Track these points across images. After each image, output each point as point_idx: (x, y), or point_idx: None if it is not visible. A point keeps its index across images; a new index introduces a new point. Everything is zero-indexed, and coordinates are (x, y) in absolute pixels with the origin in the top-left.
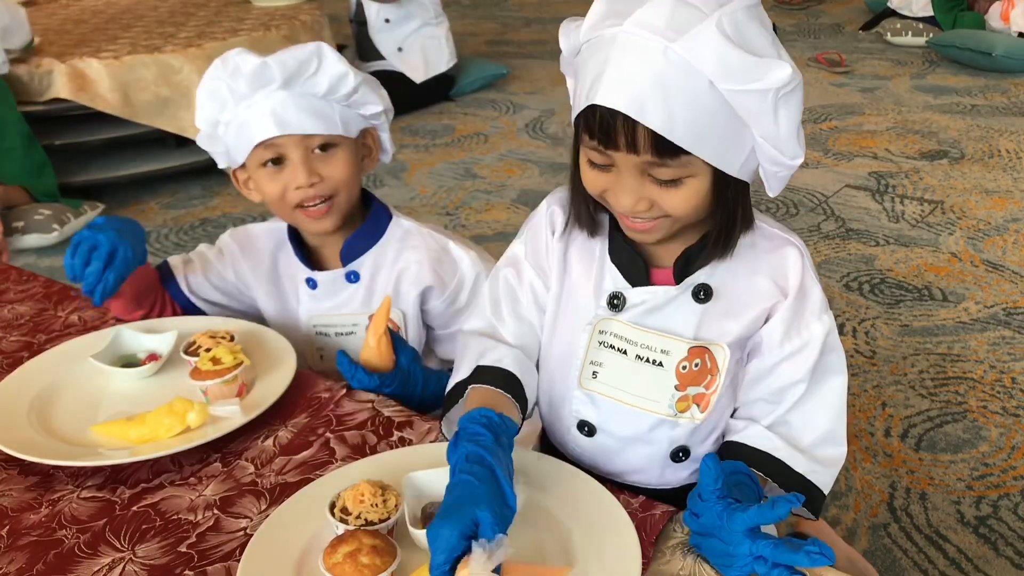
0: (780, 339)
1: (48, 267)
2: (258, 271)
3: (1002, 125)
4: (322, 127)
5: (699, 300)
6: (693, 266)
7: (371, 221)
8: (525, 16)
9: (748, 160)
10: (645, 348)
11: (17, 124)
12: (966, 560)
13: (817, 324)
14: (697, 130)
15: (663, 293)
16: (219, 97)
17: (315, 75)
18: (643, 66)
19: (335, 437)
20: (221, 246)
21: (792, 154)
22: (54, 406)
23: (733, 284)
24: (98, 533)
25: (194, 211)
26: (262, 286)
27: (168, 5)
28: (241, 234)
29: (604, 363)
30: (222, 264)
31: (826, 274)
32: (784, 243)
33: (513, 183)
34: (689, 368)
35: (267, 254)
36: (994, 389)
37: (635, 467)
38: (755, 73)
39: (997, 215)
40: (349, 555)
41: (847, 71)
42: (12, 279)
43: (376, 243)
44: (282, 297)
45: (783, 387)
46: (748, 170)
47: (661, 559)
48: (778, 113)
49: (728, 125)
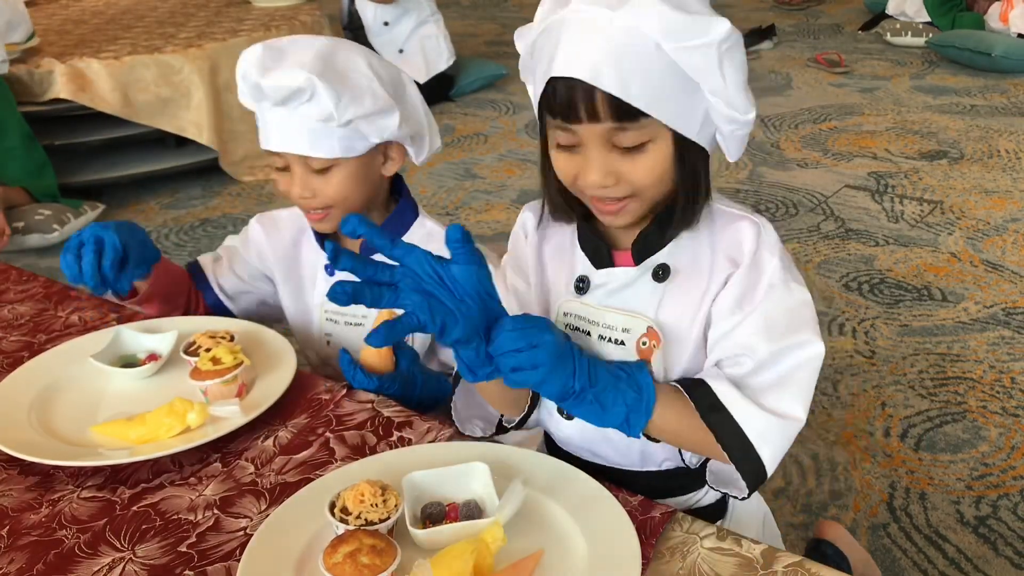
0: (731, 307)
1: (48, 267)
2: (278, 253)
3: (1001, 125)
4: (317, 150)
5: (658, 279)
6: (651, 247)
7: (395, 218)
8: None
9: (705, 124)
10: (607, 328)
11: (17, 124)
12: (966, 560)
13: (769, 291)
14: (651, 91)
15: (622, 274)
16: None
17: (308, 103)
18: (594, 37)
19: (335, 437)
20: (247, 231)
21: (743, 108)
22: (54, 406)
23: (692, 262)
24: (98, 533)
25: (194, 211)
26: (281, 268)
27: (168, 6)
28: (267, 218)
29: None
30: (247, 250)
31: (826, 274)
32: (740, 218)
33: (513, 183)
34: (649, 344)
35: (289, 237)
36: (993, 389)
37: (614, 448)
38: (696, 30)
39: (996, 215)
40: (349, 555)
41: (846, 71)
42: (12, 279)
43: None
44: (299, 280)
45: (737, 355)
46: (707, 135)
47: (661, 559)
48: (723, 67)
49: (680, 86)
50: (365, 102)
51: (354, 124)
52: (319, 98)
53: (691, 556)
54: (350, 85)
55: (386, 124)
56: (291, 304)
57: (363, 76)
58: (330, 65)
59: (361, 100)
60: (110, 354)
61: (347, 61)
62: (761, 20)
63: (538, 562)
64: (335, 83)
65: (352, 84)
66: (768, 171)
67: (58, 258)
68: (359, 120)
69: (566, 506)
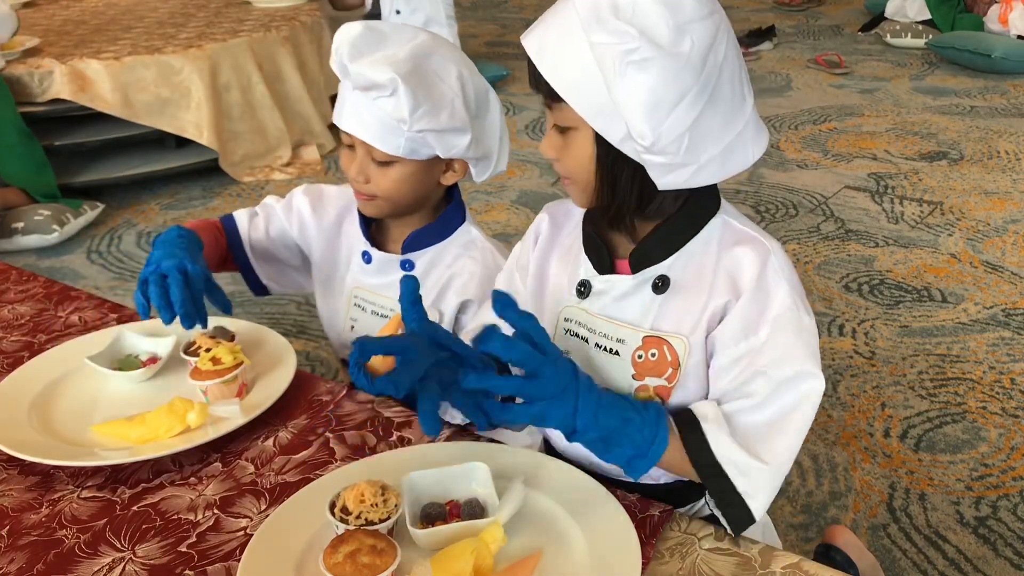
0: (735, 337)
1: (48, 267)
2: (321, 228)
3: (1001, 126)
4: (382, 145)
5: (657, 291)
6: (651, 258)
7: (442, 220)
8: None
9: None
10: (603, 336)
11: (15, 123)
12: (965, 560)
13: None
14: (571, 78)
15: (620, 283)
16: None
17: (388, 98)
18: (554, 15)
19: (335, 437)
20: (291, 199)
21: (638, 131)
22: (54, 406)
23: (693, 277)
24: (98, 533)
25: (194, 211)
26: (321, 244)
27: (168, 6)
28: (314, 191)
29: (569, 351)
30: (288, 217)
31: (826, 275)
32: (747, 240)
33: (513, 184)
34: (645, 357)
35: (334, 214)
36: (993, 390)
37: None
38: (612, 32)
39: (996, 216)
40: (349, 555)
41: (846, 72)
42: (12, 279)
43: (440, 241)
44: (335, 260)
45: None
46: (631, 148)
47: (661, 559)
48: (625, 79)
49: (599, 85)
50: (441, 117)
51: (424, 134)
52: (398, 100)
53: (690, 556)
54: (432, 95)
55: (455, 142)
56: (322, 282)
57: (449, 89)
58: (419, 68)
59: (438, 114)
60: (110, 355)
61: (439, 68)
62: (761, 21)
63: (538, 562)
64: (418, 89)
65: (435, 95)
66: (768, 172)
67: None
68: (429, 133)
69: (566, 506)
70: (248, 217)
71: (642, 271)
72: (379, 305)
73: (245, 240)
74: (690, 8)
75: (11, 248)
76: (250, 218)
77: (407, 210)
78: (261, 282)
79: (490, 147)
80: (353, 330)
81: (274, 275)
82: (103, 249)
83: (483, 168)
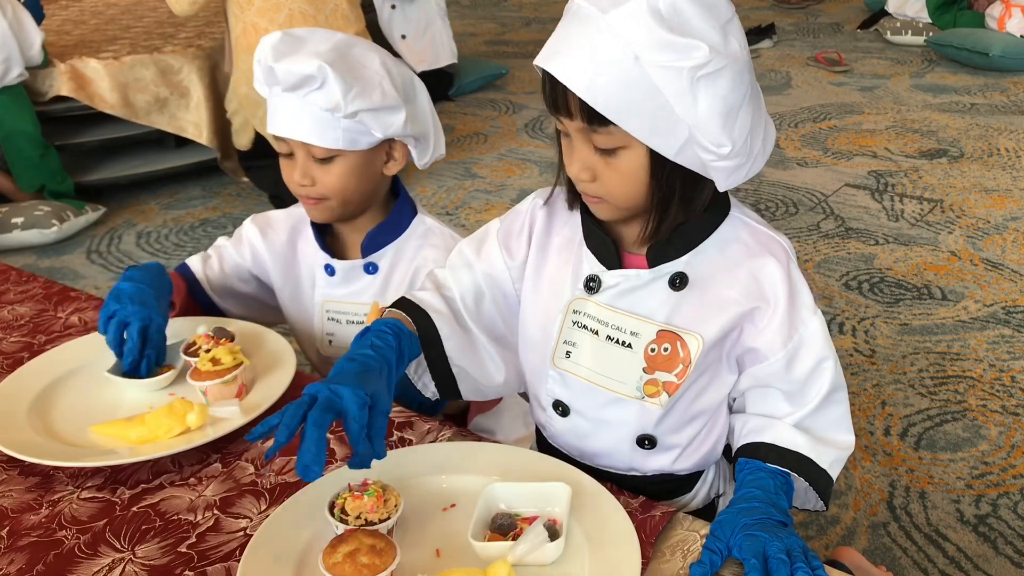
0: (783, 340)
1: (48, 267)
2: (275, 253)
3: (1001, 124)
4: (320, 140)
5: (675, 287)
6: (668, 253)
7: (394, 216)
8: (524, 16)
9: (687, 147)
10: (616, 329)
11: (33, 136)
12: (965, 559)
13: (813, 317)
14: (621, 101)
15: (635, 276)
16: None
17: (318, 90)
18: (579, 34)
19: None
20: (241, 232)
21: (716, 142)
22: (54, 407)
23: (712, 277)
24: (98, 534)
25: (194, 211)
26: (279, 268)
27: (168, 6)
28: (261, 219)
29: (577, 343)
30: (240, 249)
31: (825, 273)
32: (768, 242)
33: (513, 183)
34: (658, 351)
35: (285, 236)
36: (993, 388)
37: (603, 450)
38: (673, 50)
39: (996, 214)
40: (349, 555)
41: (846, 70)
42: (12, 280)
43: (397, 237)
44: (297, 280)
45: (800, 386)
46: (689, 158)
47: (661, 558)
48: (697, 94)
49: (656, 103)
50: (373, 96)
51: (360, 117)
52: (328, 87)
53: (692, 555)
54: (361, 78)
55: (392, 121)
56: (290, 304)
57: (375, 72)
58: (343, 57)
59: (370, 94)
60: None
61: (361, 56)
62: (761, 19)
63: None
64: (346, 74)
65: (363, 78)
66: (768, 170)
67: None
68: (365, 113)
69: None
70: (201, 261)
71: (659, 266)
72: (352, 313)
73: (203, 281)
74: (723, 7)
75: (10, 243)
76: (203, 261)
77: (357, 209)
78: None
79: (426, 126)
80: (332, 344)
81: (243, 310)
82: (103, 249)
83: (423, 150)
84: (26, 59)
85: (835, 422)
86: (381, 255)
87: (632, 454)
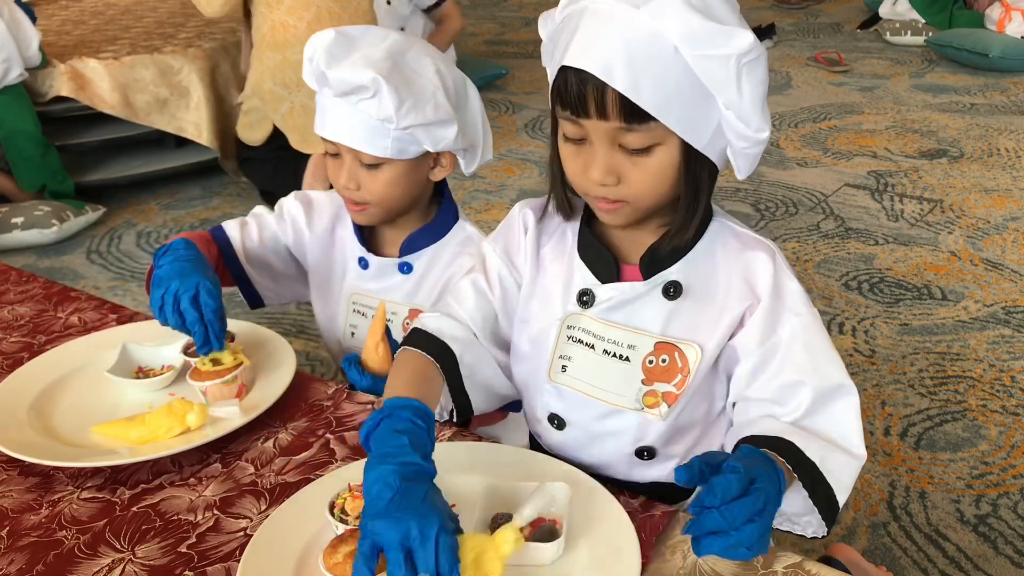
0: (759, 339)
1: (48, 267)
2: (316, 235)
3: (1001, 124)
4: (370, 148)
5: (669, 297)
6: (661, 263)
7: (437, 221)
8: (524, 16)
9: (716, 137)
10: (612, 343)
11: (34, 136)
12: (966, 559)
13: (794, 318)
14: (663, 96)
15: (630, 289)
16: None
17: (370, 101)
18: (611, 32)
19: (335, 438)
20: (283, 206)
21: (757, 127)
22: (54, 407)
23: (706, 282)
24: (98, 534)
25: (194, 211)
26: (316, 251)
27: (167, 6)
28: (304, 197)
29: (573, 357)
30: (281, 223)
31: (825, 273)
32: (755, 244)
33: (513, 183)
34: (656, 363)
35: (327, 221)
36: (993, 388)
37: (602, 462)
38: (718, 39)
39: (996, 214)
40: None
41: (846, 70)
42: (12, 280)
43: (437, 241)
44: (330, 266)
45: (784, 386)
46: (716, 149)
47: (661, 558)
48: (741, 81)
49: (694, 94)
50: (427, 111)
51: (411, 130)
52: (382, 99)
53: (691, 555)
54: (415, 90)
55: (443, 135)
56: (318, 290)
57: (429, 82)
58: (398, 66)
59: (423, 108)
60: (120, 368)
61: (416, 63)
62: (761, 19)
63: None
64: (400, 87)
65: (417, 90)
66: (768, 170)
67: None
68: (417, 128)
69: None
70: (239, 227)
71: (652, 276)
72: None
73: (239, 250)
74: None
75: (10, 243)
76: (241, 227)
77: (400, 213)
78: (257, 292)
79: (476, 136)
80: (354, 336)
81: (271, 285)
82: (103, 249)
83: (471, 159)
84: (24, 59)
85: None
86: (418, 256)
87: (631, 465)
